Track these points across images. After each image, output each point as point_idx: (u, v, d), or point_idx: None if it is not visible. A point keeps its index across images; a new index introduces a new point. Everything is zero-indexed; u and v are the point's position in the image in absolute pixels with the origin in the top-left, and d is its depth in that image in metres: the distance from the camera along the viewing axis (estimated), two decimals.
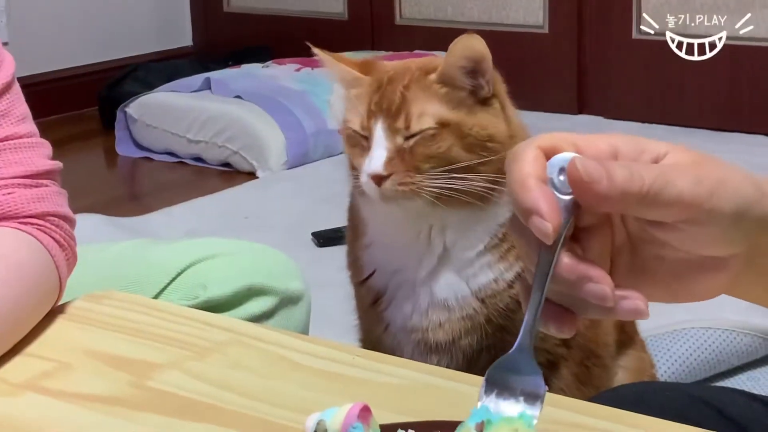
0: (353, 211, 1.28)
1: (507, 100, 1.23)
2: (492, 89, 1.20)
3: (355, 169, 1.21)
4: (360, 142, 1.21)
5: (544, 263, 0.58)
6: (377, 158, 1.17)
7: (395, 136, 1.17)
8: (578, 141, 0.61)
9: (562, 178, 0.58)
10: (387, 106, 1.18)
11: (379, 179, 1.16)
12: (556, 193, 0.58)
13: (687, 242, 0.60)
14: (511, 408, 0.59)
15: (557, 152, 0.59)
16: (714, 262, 0.61)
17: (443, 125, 1.16)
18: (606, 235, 0.61)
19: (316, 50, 1.23)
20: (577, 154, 0.59)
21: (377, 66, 1.23)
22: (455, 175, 1.15)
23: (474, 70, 1.17)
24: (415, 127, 1.16)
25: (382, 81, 1.20)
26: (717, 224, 0.58)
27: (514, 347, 0.60)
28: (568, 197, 0.58)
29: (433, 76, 1.18)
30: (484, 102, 1.19)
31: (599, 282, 0.58)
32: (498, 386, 0.59)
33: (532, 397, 0.59)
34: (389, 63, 1.26)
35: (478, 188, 1.15)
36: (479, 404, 0.59)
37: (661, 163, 0.60)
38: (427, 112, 1.16)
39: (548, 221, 0.57)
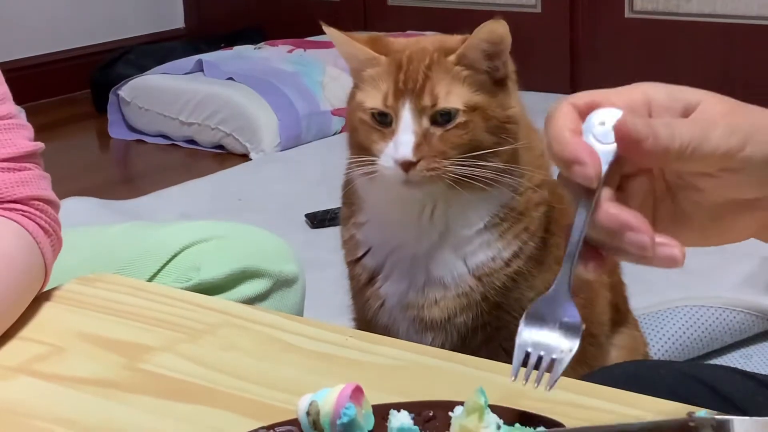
0: (349, 190, 1.27)
1: (515, 81, 1.23)
2: (506, 70, 1.20)
3: (365, 151, 1.19)
4: (378, 125, 1.18)
5: (584, 208, 0.60)
6: (406, 144, 1.14)
7: (422, 118, 1.15)
8: (611, 94, 0.63)
9: (602, 129, 0.61)
10: (412, 86, 1.16)
11: (407, 165, 1.14)
12: (596, 143, 0.61)
13: (723, 188, 0.62)
14: (549, 337, 0.61)
15: (594, 107, 0.62)
16: (748, 203, 0.63)
17: (472, 109, 1.16)
18: (648, 182, 0.63)
19: (327, 29, 1.20)
20: (619, 113, 0.61)
21: (389, 44, 1.21)
22: (478, 161, 1.14)
23: (493, 53, 1.17)
24: (442, 104, 1.15)
25: (401, 61, 1.18)
26: (751, 170, 0.61)
27: (553, 286, 0.62)
28: (608, 147, 0.61)
29: (452, 58, 1.17)
30: (500, 83, 1.19)
31: (640, 231, 0.59)
32: (538, 319, 0.62)
33: (570, 329, 0.62)
34: (399, 40, 1.24)
35: (497, 173, 1.15)
36: (519, 335, 0.61)
37: (694, 116, 0.62)
38: (454, 93, 1.16)
39: (590, 166, 0.59)
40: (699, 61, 3.42)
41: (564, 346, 0.61)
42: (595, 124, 0.61)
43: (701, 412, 0.56)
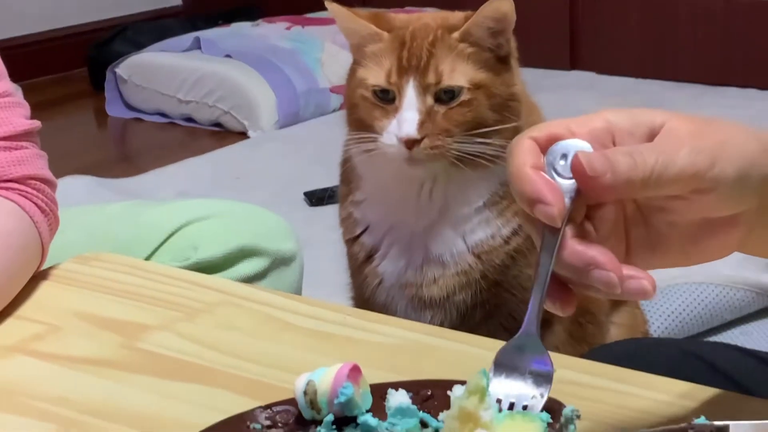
0: (347, 168, 1.26)
1: (517, 59, 1.22)
2: (509, 48, 1.19)
3: (365, 128, 1.18)
4: (381, 101, 1.17)
5: (548, 246, 0.58)
6: (410, 121, 1.14)
7: (426, 96, 1.14)
8: (571, 124, 0.61)
9: (563, 163, 0.58)
10: (416, 63, 1.15)
11: (411, 143, 1.13)
12: (558, 178, 0.58)
13: (696, 208, 0.59)
14: (519, 387, 0.59)
15: (553, 140, 0.59)
16: (726, 221, 0.61)
17: (476, 87, 1.15)
18: (616, 209, 0.61)
19: (329, 4, 1.19)
20: (581, 144, 0.59)
21: (391, 20, 1.21)
22: (481, 139, 1.14)
23: (498, 31, 1.16)
24: (446, 81, 1.14)
25: (404, 37, 1.17)
26: (722, 189, 0.58)
27: (521, 330, 0.60)
28: (570, 182, 0.58)
29: (456, 35, 1.16)
30: (503, 60, 1.18)
31: (605, 268, 0.57)
32: (506, 368, 0.60)
33: (540, 375, 0.60)
34: (401, 16, 1.22)
35: (500, 151, 1.14)
36: (489, 385, 0.59)
37: (659, 139, 0.59)
38: (459, 70, 1.15)
39: (553, 205, 0.57)
40: (699, 36, 3.40)
41: (535, 392, 0.59)
42: (557, 158, 0.58)
43: (700, 419, 0.56)
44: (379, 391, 0.66)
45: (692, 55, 3.42)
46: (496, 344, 0.79)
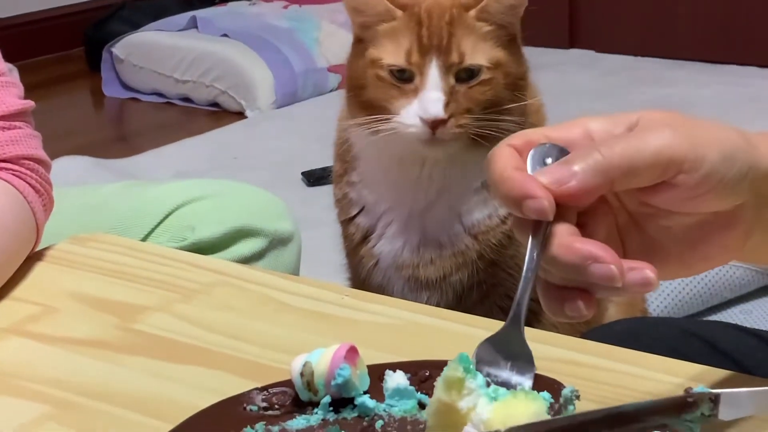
0: (344, 147, 1.25)
1: (521, 38, 1.22)
2: (517, 27, 1.18)
3: (377, 110, 1.15)
4: (398, 81, 1.15)
5: (534, 243, 0.56)
6: (435, 101, 1.12)
7: (448, 75, 1.13)
8: (549, 132, 0.60)
9: (548, 163, 0.57)
10: (438, 42, 1.14)
11: (437, 124, 1.12)
12: None
13: (686, 200, 0.58)
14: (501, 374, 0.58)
15: (533, 146, 0.58)
16: (722, 219, 0.59)
17: (495, 66, 1.15)
18: (607, 214, 0.60)
19: None
20: (559, 148, 0.58)
21: None
22: (497, 117, 1.13)
23: (513, 9, 1.16)
24: (469, 60, 1.13)
25: (420, 16, 1.15)
26: (708, 171, 0.56)
27: (505, 323, 0.58)
28: None
29: (473, 13, 1.15)
30: (513, 39, 1.18)
31: (605, 261, 0.54)
32: (487, 364, 0.58)
33: (522, 367, 0.58)
34: None
35: (512, 127, 1.13)
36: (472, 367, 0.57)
37: (634, 131, 0.58)
38: (479, 49, 1.14)
39: (542, 198, 0.55)
40: (699, 13, 3.39)
41: (518, 380, 0.57)
42: (540, 160, 0.57)
43: (698, 388, 0.55)
44: (377, 372, 0.65)
45: (691, 33, 3.41)
46: (494, 324, 0.78)
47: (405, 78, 1.14)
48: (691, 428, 0.54)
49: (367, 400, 0.64)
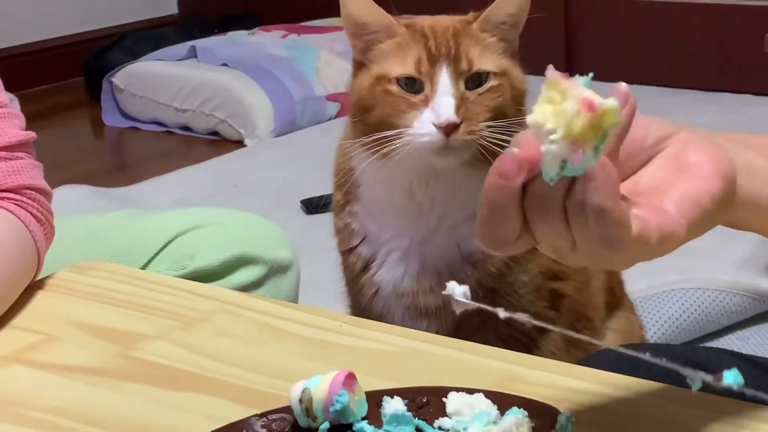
0: (345, 178, 1.24)
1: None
2: (516, 44, 1.20)
3: (386, 127, 1.14)
4: (407, 93, 1.14)
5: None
6: (447, 105, 1.11)
7: (459, 82, 1.14)
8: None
9: None
10: (446, 51, 1.14)
11: (450, 128, 1.11)
12: None
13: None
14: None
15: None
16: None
17: (502, 74, 1.16)
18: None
19: None
20: None
21: (397, 18, 1.20)
22: (504, 128, 1.14)
23: (514, 22, 1.17)
24: (477, 66, 1.14)
25: (423, 31, 1.16)
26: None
27: None
28: None
29: (475, 25, 1.17)
30: (514, 57, 1.19)
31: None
32: None
33: None
34: (404, 20, 1.22)
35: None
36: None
37: None
38: (486, 56, 1.15)
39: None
40: (694, 44, 3.41)
41: None
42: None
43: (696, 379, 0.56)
44: (375, 399, 0.66)
45: (687, 61, 3.43)
46: (492, 352, 0.79)
47: (414, 89, 1.15)
48: None
49: (366, 426, 0.64)
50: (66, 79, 3.94)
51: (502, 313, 0.59)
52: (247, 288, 1.18)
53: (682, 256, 2.27)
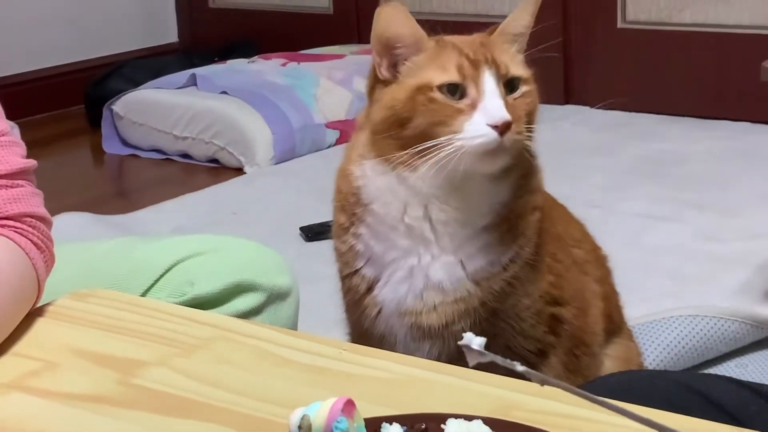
0: (350, 200, 1.23)
1: None
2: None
3: (428, 137, 1.12)
4: (451, 101, 1.14)
5: None
6: (499, 106, 1.12)
7: (500, 85, 1.15)
8: None
9: None
10: (483, 57, 1.15)
11: (505, 127, 1.11)
12: None
13: None
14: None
15: None
16: None
17: (530, 80, 1.19)
18: None
19: (388, 5, 1.15)
20: None
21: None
22: (532, 135, 1.16)
23: (527, 35, 1.20)
24: (512, 71, 1.16)
25: (451, 42, 1.18)
26: None
27: None
28: None
29: (496, 37, 1.19)
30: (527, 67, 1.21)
31: None
32: None
33: None
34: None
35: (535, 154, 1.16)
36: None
37: None
38: (516, 62, 1.18)
39: None
40: (691, 72, 3.43)
41: None
42: None
43: None
44: (374, 425, 0.66)
45: (684, 90, 3.44)
46: (490, 379, 0.79)
47: (456, 96, 1.15)
48: None
49: None
50: (66, 107, 3.96)
51: (519, 367, 0.60)
52: (247, 315, 1.18)
53: (679, 283, 2.27)
